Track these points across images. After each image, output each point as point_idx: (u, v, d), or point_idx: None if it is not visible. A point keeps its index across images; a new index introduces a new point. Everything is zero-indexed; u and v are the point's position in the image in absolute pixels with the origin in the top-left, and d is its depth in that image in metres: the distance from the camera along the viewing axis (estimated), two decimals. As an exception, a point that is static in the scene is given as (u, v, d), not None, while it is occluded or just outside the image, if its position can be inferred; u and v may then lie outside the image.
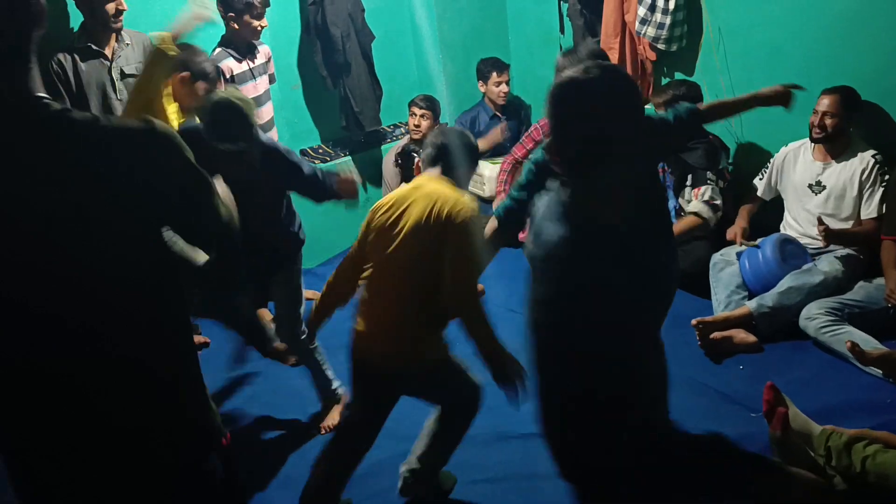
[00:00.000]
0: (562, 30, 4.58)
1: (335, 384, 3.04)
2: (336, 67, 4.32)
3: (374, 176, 4.68)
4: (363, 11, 4.34)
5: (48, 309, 1.27)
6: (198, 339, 3.60)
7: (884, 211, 3.29)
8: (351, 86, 4.39)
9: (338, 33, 4.22)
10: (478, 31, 4.95)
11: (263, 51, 3.76)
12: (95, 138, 1.27)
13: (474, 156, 2.40)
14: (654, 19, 3.95)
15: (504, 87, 4.67)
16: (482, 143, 3.97)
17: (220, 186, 1.66)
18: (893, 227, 3.22)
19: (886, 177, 3.30)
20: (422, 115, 4.31)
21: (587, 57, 2.72)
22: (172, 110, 2.97)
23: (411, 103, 4.38)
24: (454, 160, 2.30)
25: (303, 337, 2.85)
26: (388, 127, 4.89)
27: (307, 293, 3.11)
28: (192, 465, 1.49)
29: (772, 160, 3.68)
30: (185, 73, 2.88)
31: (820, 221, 3.25)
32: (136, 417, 1.38)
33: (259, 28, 3.57)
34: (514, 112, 4.84)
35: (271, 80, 3.88)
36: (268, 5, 3.63)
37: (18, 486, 1.41)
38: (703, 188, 3.66)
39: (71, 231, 1.26)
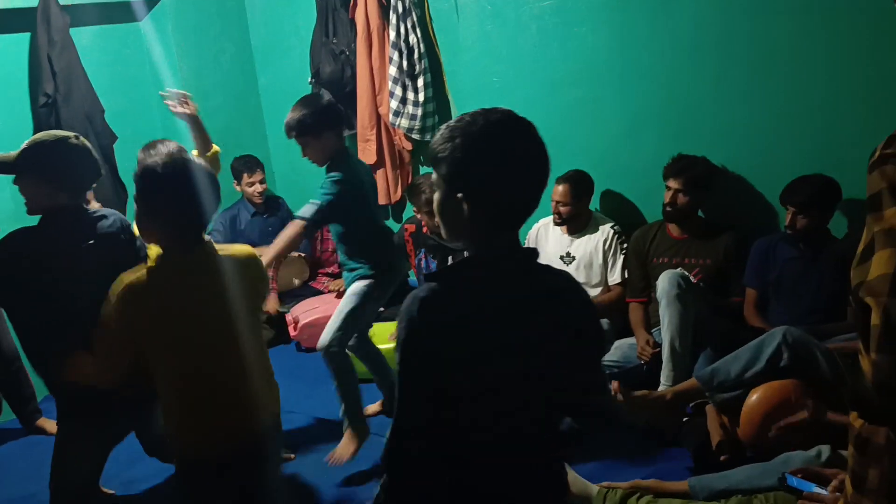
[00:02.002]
0: (319, 124, 4.63)
1: None
2: (77, 171, 4.01)
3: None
4: (102, 112, 4.10)
5: None
6: None
7: (626, 276, 3.61)
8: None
9: (74, 136, 3.95)
10: (234, 128, 4.87)
11: None
12: None
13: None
14: (405, 111, 4.12)
15: (258, 187, 4.55)
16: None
17: None
18: (635, 290, 3.54)
19: (625, 245, 3.63)
20: None
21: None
22: None
23: None
24: None
25: None
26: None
27: None
28: None
29: (527, 237, 3.91)
30: None
31: None
32: None
33: None
34: (275, 208, 4.75)
35: None
36: None
37: None
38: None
39: None
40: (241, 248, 2.07)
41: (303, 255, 4.66)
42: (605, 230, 3.65)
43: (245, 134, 4.95)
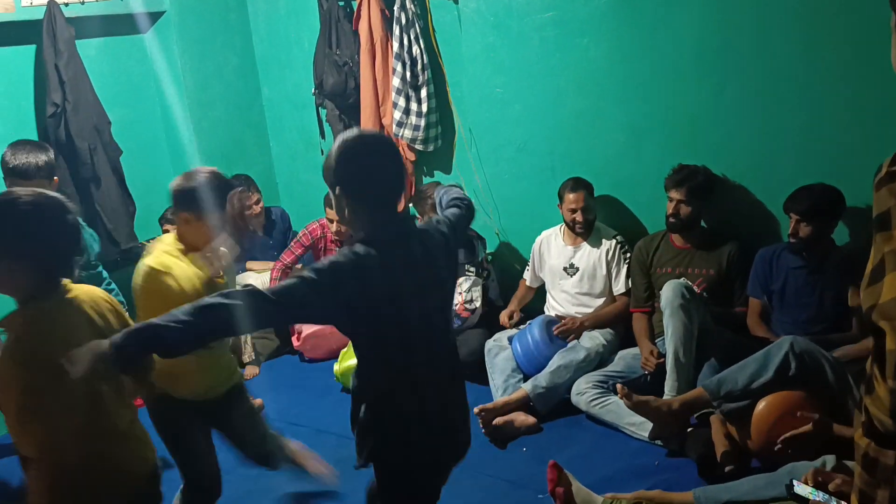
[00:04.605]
0: (322, 134, 4.65)
1: None
2: (84, 183, 4.03)
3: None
4: (109, 124, 4.11)
5: None
6: None
7: (630, 286, 3.61)
8: (102, 202, 4.10)
9: (84, 146, 3.95)
10: (237, 139, 4.88)
11: None
12: None
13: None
14: (409, 122, 4.13)
15: (255, 209, 4.43)
16: None
17: None
18: (639, 301, 3.54)
19: (628, 255, 3.63)
20: None
21: None
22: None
23: (163, 219, 4.10)
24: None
25: None
26: (146, 242, 4.61)
27: None
28: None
29: (532, 249, 3.91)
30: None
31: (561, 319, 3.59)
32: None
33: None
34: (273, 222, 4.72)
35: None
36: None
37: None
38: (460, 279, 3.82)
39: None
40: (90, 289, 1.90)
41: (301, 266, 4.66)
42: (609, 241, 3.65)
43: (248, 145, 4.96)
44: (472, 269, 3.86)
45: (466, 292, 3.82)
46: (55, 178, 3.08)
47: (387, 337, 1.75)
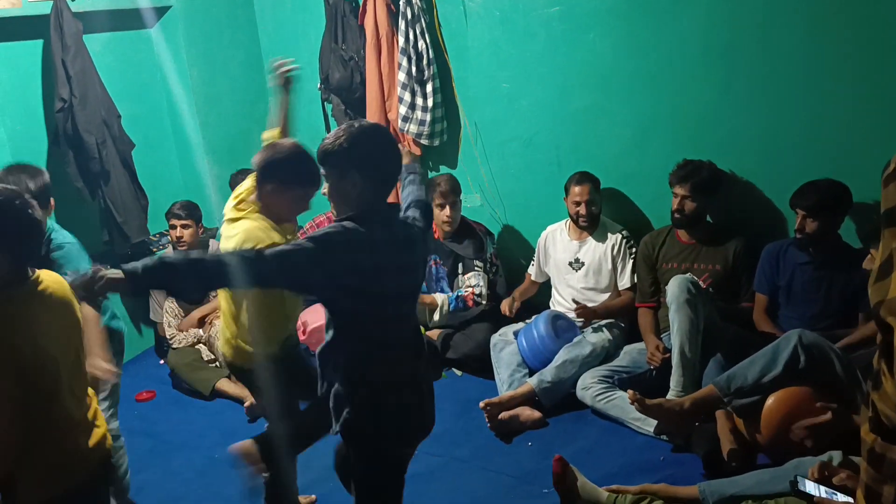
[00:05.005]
0: (328, 129, 4.65)
1: None
2: (93, 177, 4.03)
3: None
4: (119, 118, 4.12)
5: None
6: None
7: (635, 281, 3.61)
8: (112, 196, 4.11)
9: (92, 140, 3.95)
10: (244, 133, 4.87)
11: None
12: None
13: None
14: (414, 117, 4.13)
15: None
16: None
17: None
18: (644, 296, 3.54)
19: (634, 250, 3.63)
20: (183, 226, 4.05)
21: None
22: None
23: (169, 214, 4.10)
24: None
25: None
26: (155, 236, 4.62)
27: None
28: None
29: (537, 244, 3.91)
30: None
31: (576, 304, 3.53)
32: None
33: None
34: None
35: None
36: None
37: None
38: (469, 274, 3.83)
39: None
40: (53, 278, 1.94)
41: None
42: (614, 236, 3.66)
43: (254, 140, 4.94)
44: (481, 264, 3.87)
45: (476, 286, 3.83)
46: (52, 202, 3.00)
47: (366, 310, 1.90)
